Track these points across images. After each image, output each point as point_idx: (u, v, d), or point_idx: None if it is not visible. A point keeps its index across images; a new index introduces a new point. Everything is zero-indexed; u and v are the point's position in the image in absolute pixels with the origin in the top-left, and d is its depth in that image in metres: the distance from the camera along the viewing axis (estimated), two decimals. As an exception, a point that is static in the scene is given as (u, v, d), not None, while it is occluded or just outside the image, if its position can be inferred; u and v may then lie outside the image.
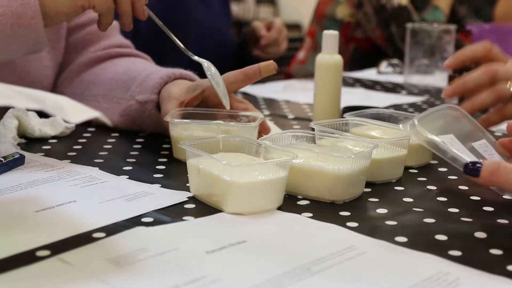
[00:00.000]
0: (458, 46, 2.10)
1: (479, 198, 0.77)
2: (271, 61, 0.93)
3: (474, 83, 0.87)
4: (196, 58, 0.96)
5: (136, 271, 0.54)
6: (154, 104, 0.99)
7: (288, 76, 2.17)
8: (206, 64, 0.94)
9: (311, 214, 0.69)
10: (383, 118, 0.95)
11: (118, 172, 0.83)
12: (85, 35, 1.15)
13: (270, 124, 1.05)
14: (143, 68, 1.06)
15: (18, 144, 0.93)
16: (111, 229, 0.63)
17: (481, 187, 0.77)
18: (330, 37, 1.11)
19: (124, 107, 1.03)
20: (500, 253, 0.61)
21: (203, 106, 0.96)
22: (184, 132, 0.89)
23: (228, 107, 0.91)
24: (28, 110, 0.96)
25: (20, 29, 0.86)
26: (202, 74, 0.96)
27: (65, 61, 1.15)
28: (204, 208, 0.71)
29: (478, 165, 0.65)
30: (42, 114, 0.97)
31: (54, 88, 1.15)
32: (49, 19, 0.88)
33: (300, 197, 0.75)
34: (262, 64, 0.93)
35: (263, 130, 0.92)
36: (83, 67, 1.14)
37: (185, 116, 0.92)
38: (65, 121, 1.00)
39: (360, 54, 2.15)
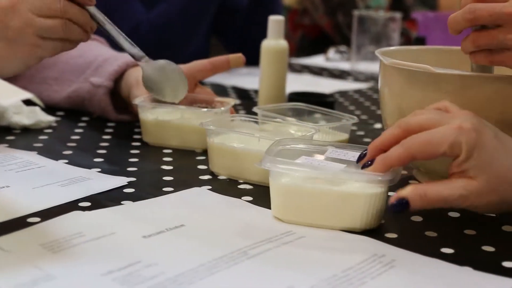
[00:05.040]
0: (404, 34, 2.14)
1: (416, 182, 0.78)
2: (240, 54, 0.97)
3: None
4: (136, 51, 0.89)
5: (71, 257, 0.53)
6: (107, 90, 0.98)
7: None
8: (144, 60, 0.89)
9: (251, 198, 0.69)
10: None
11: (57, 157, 0.81)
12: None
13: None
14: (100, 53, 1.04)
15: None
16: (46, 214, 0.62)
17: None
18: (275, 22, 1.11)
19: (75, 88, 1.02)
20: (435, 235, 0.62)
21: None
22: (150, 115, 0.89)
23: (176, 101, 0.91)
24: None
25: None
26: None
27: None
28: (143, 192, 0.70)
29: (402, 200, 0.58)
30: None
31: None
32: None
33: (242, 181, 0.75)
34: (231, 56, 0.97)
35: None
36: None
37: (155, 99, 0.91)
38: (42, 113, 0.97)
39: (308, 41, 2.16)
